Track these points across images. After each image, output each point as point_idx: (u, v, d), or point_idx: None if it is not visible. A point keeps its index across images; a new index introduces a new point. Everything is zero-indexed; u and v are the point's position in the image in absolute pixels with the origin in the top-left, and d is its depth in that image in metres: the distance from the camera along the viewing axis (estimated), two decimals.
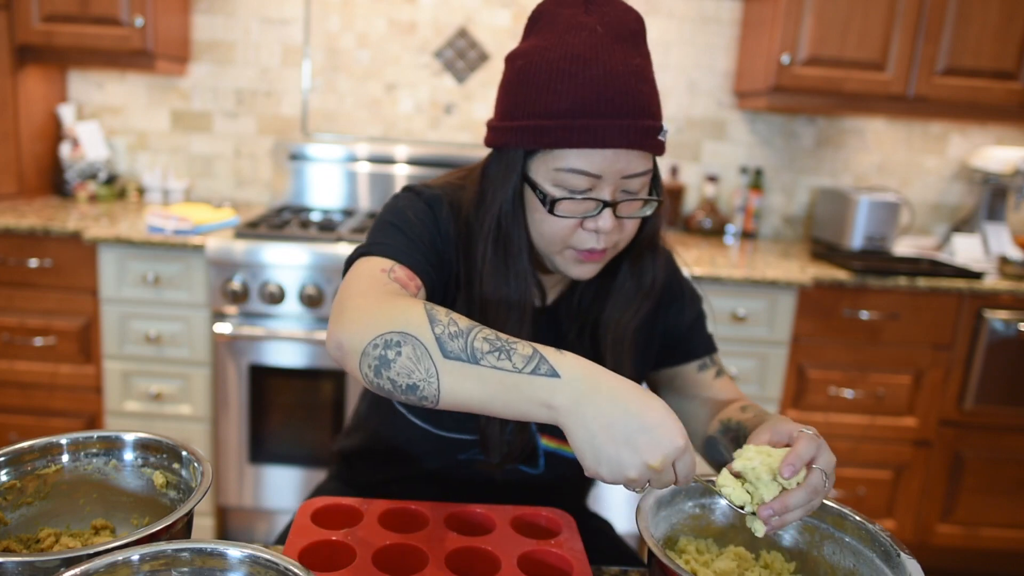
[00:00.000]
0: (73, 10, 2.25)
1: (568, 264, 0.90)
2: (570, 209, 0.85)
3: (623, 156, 0.83)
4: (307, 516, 0.79)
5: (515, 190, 0.88)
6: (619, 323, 0.98)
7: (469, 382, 0.68)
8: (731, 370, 2.17)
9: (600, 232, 0.86)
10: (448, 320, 0.70)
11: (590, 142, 0.81)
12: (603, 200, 0.84)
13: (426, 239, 0.90)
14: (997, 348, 2.18)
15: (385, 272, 0.83)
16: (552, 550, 0.77)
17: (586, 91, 0.81)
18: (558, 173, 0.84)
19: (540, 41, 0.85)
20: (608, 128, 0.81)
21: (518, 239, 0.90)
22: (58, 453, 0.75)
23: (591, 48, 0.82)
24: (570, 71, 0.81)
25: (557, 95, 0.82)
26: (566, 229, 0.87)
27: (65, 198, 2.58)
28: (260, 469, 2.18)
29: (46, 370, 2.18)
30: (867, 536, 0.73)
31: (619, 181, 0.84)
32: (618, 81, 0.81)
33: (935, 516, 2.33)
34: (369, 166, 2.61)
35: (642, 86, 0.83)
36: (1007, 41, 2.29)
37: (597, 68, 0.81)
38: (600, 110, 0.81)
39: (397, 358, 0.69)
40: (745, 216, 2.68)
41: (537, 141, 0.84)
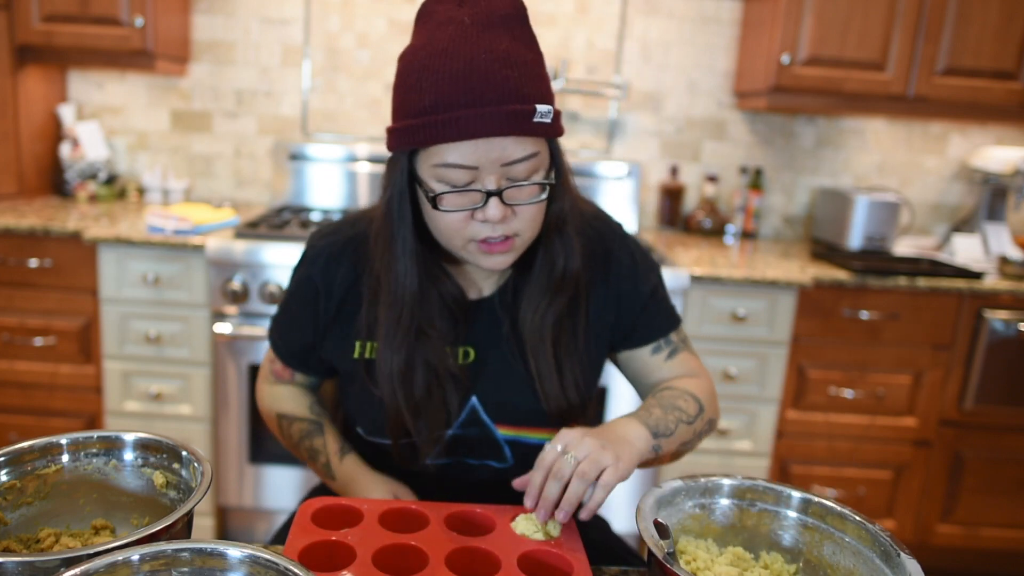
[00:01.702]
0: (73, 10, 2.25)
1: (476, 256, 0.90)
2: (455, 203, 0.86)
3: (496, 144, 0.82)
4: (307, 516, 0.78)
5: (401, 190, 0.90)
6: (534, 317, 0.97)
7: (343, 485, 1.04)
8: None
9: (490, 221, 0.85)
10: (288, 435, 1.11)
11: (454, 135, 0.81)
12: (486, 191, 0.84)
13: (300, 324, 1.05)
14: (997, 348, 2.18)
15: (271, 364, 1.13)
16: (552, 550, 0.77)
17: (447, 85, 0.81)
18: (436, 169, 0.85)
19: (415, 40, 0.87)
20: (469, 118, 0.80)
21: (402, 240, 0.92)
22: (58, 453, 0.75)
23: (455, 41, 0.82)
24: (433, 67, 0.82)
25: (421, 93, 0.82)
26: (457, 223, 0.87)
27: (65, 198, 2.58)
28: (260, 469, 2.18)
29: (46, 370, 2.18)
30: (867, 536, 0.73)
31: (501, 169, 0.84)
32: (479, 70, 0.81)
33: (935, 516, 2.33)
34: (369, 166, 2.61)
35: (507, 71, 0.81)
36: (1007, 41, 2.29)
37: (458, 61, 0.81)
38: (460, 101, 0.80)
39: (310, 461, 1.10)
40: (745, 216, 2.68)
41: (411, 141, 0.85)
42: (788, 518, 0.79)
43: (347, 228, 1.04)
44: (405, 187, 0.90)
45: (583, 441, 0.81)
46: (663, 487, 0.78)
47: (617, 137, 2.72)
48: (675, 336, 1.07)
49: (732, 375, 2.17)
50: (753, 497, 0.81)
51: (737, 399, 2.20)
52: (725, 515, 0.81)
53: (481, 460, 1.01)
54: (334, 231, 1.04)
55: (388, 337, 0.94)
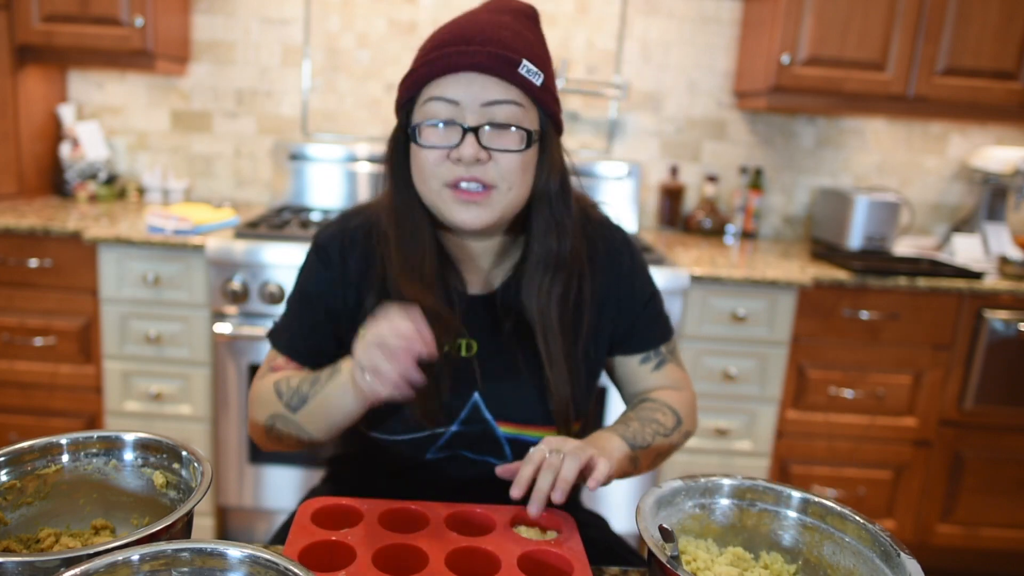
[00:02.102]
0: (73, 10, 2.25)
1: (450, 207, 0.91)
2: (434, 138, 0.89)
3: (477, 81, 0.87)
4: (307, 516, 0.78)
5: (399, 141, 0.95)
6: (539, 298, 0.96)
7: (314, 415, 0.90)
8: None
9: (464, 160, 0.87)
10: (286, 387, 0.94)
11: (439, 68, 0.87)
12: (464, 126, 0.87)
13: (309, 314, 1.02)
14: (997, 348, 2.18)
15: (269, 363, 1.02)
16: (552, 550, 0.77)
17: (445, 33, 0.90)
18: (421, 107, 0.90)
19: None
20: (455, 53, 0.87)
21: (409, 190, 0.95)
22: (58, 453, 0.75)
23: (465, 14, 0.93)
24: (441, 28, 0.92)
25: (422, 50, 0.92)
26: (434, 160, 0.89)
27: (65, 198, 2.58)
28: (260, 469, 2.18)
29: (46, 370, 2.18)
30: (867, 536, 0.73)
31: (481, 110, 0.87)
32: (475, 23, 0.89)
33: (935, 516, 2.33)
34: (369, 166, 2.61)
35: (501, 31, 0.88)
36: (1007, 41, 2.29)
37: (462, 20, 0.91)
38: (450, 41, 0.88)
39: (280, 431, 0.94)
40: (745, 216, 2.68)
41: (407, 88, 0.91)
42: (788, 518, 0.79)
43: (352, 218, 1.04)
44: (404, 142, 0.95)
45: (567, 442, 0.84)
46: (663, 487, 0.78)
47: (617, 137, 2.72)
48: (665, 348, 1.08)
49: (732, 375, 2.17)
50: (753, 497, 0.81)
51: (737, 399, 2.20)
52: (725, 515, 0.81)
53: (481, 456, 1.01)
54: (340, 222, 1.04)
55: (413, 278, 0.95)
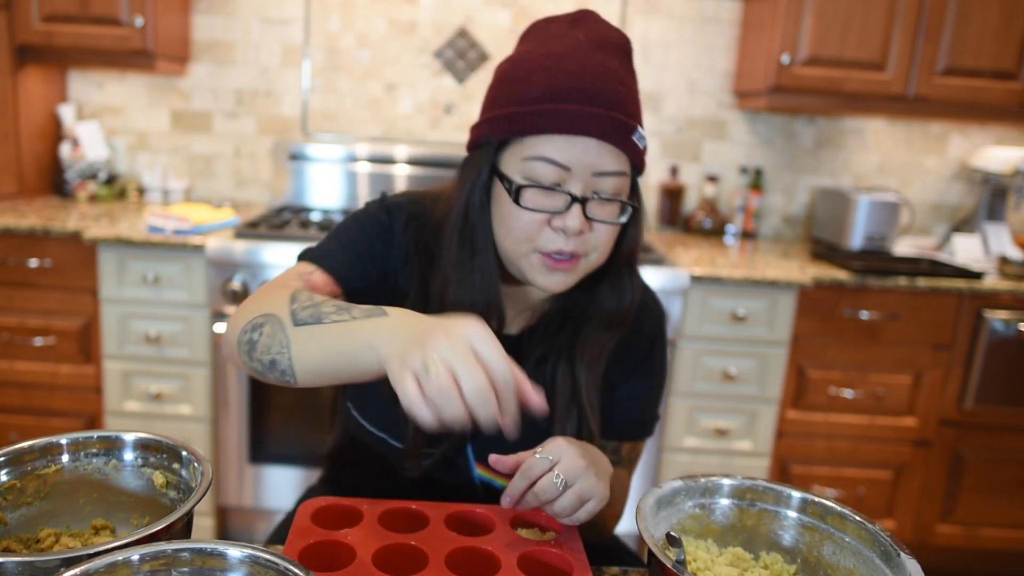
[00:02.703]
0: (73, 10, 2.25)
1: (536, 271, 0.86)
2: (537, 202, 0.83)
3: (593, 149, 0.81)
4: (307, 516, 0.78)
5: (483, 183, 0.88)
6: (597, 343, 0.94)
7: (313, 342, 0.71)
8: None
9: (568, 231, 0.82)
10: (307, 297, 0.76)
11: (557, 126, 0.80)
12: (572, 195, 0.82)
13: (363, 249, 0.92)
14: (997, 348, 2.18)
15: (302, 276, 0.86)
16: (552, 550, 0.77)
17: (558, 79, 0.81)
18: (526, 163, 0.83)
19: (524, 47, 0.89)
20: (576, 113, 0.80)
21: (484, 234, 0.88)
22: (58, 453, 0.75)
23: (570, 49, 0.83)
24: (546, 65, 0.83)
25: (531, 85, 0.82)
26: (532, 225, 0.84)
27: (65, 198, 2.58)
28: (260, 469, 2.18)
29: (46, 370, 2.18)
30: (867, 536, 0.73)
31: (590, 179, 0.82)
32: (593, 74, 0.81)
33: (935, 516, 2.33)
34: (369, 166, 2.61)
35: (617, 85, 0.82)
36: (1007, 41, 2.29)
37: (573, 63, 0.82)
38: (570, 96, 0.80)
39: (259, 338, 0.75)
40: (745, 216, 2.68)
41: (507, 128, 0.83)
42: (788, 518, 0.79)
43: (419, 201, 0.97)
44: (488, 179, 0.87)
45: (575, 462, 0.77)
46: (663, 487, 0.78)
47: None
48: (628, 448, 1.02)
49: (732, 375, 2.17)
50: (753, 497, 0.81)
51: (737, 399, 2.20)
52: (725, 515, 0.81)
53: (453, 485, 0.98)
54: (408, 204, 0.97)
55: None
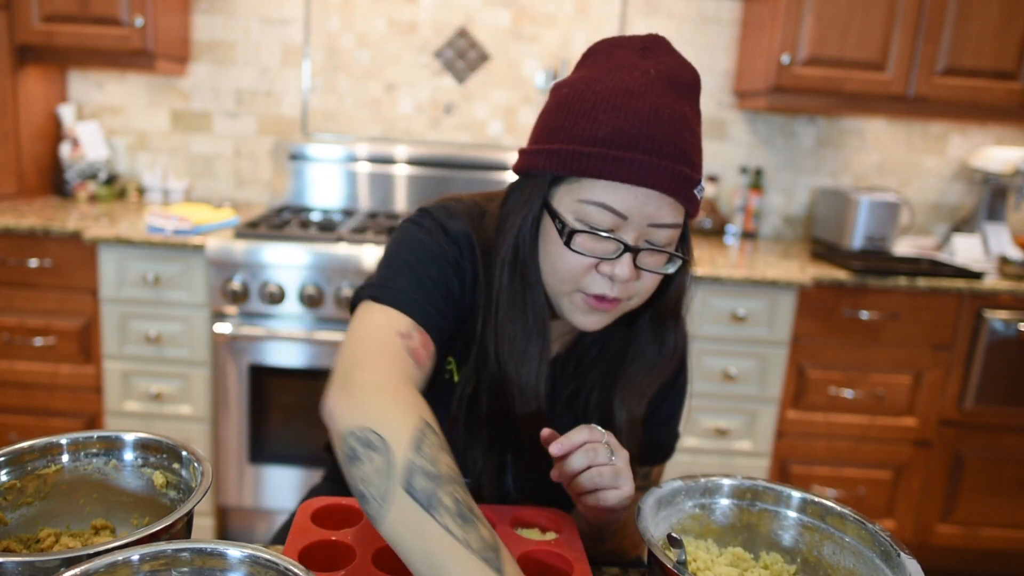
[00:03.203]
0: (73, 10, 2.25)
1: (575, 310, 0.85)
2: (588, 247, 0.80)
3: (654, 200, 0.78)
4: (307, 516, 0.78)
5: (535, 217, 0.84)
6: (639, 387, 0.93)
7: (411, 530, 0.60)
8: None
9: (616, 279, 0.80)
10: (432, 456, 0.64)
11: (623, 175, 0.76)
12: (625, 243, 0.79)
13: (442, 285, 0.85)
14: (997, 348, 2.18)
15: (403, 338, 0.78)
16: (552, 550, 0.77)
17: (628, 123, 0.76)
18: (582, 205, 0.79)
19: (589, 73, 0.82)
20: (644, 164, 0.76)
21: (535, 268, 0.85)
22: (58, 453, 0.75)
23: (641, 86, 0.78)
24: (615, 103, 0.77)
25: (597, 123, 0.77)
26: (580, 268, 0.81)
27: (65, 198, 2.58)
28: (260, 469, 2.18)
29: (46, 370, 2.18)
30: (867, 536, 0.73)
31: (645, 228, 0.79)
32: (663, 121, 0.77)
33: (935, 516, 2.33)
34: (369, 166, 2.61)
35: (687, 135, 0.78)
36: (1007, 41, 2.29)
37: (643, 104, 0.77)
38: (639, 145, 0.76)
39: (362, 463, 0.64)
40: (745, 216, 2.68)
41: (567, 166, 0.79)
42: (788, 518, 0.79)
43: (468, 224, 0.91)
44: (539, 213, 0.84)
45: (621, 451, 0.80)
46: (663, 487, 0.78)
47: None
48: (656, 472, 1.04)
49: (732, 375, 2.17)
50: (753, 497, 0.81)
51: (737, 399, 2.20)
52: (725, 515, 0.81)
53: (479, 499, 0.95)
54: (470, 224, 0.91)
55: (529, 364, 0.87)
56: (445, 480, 0.62)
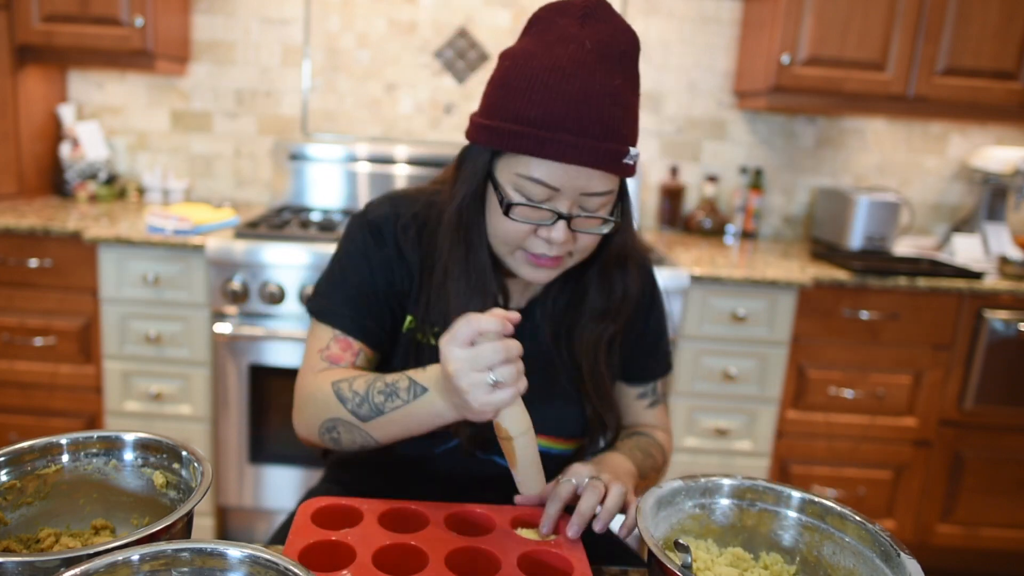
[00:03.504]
0: (73, 10, 2.25)
1: (520, 266, 0.94)
2: (525, 215, 0.88)
3: (583, 173, 0.85)
4: (307, 516, 0.78)
5: (479, 186, 0.93)
6: (591, 337, 1.02)
7: (389, 427, 0.87)
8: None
9: (552, 242, 0.89)
10: (351, 393, 0.89)
11: (552, 155, 0.83)
12: (558, 212, 0.87)
13: (366, 290, 0.99)
14: (997, 348, 2.18)
15: (320, 352, 0.98)
16: (552, 550, 0.77)
17: (558, 105, 0.83)
18: (519, 179, 0.87)
19: (529, 45, 0.88)
20: (572, 145, 0.83)
21: (478, 234, 0.94)
22: (58, 453, 0.75)
23: (574, 63, 0.84)
24: (548, 82, 0.84)
25: (530, 103, 0.84)
26: (519, 233, 0.90)
27: (65, 198, 2.58)
28: (260, 469, 2.18)
29: (46, 370, 2.18)
30: (867, 536, 0.73)
31: (578, 197, 0.87)
32: (591, 100, 0.83)
33: (935, 516, 2.33)
34: (369, 166, 2.61)
35: (615, 109, 0.84)
36: (1007, 41, 2.29)
37: (574, 83, 0.83)
38: (567, 125, 0.83)
39: (339, 436, 0.92)
40: (745, 216, 2.68)
41: (504, 144, 0.87)
42: (788, 518, 0.79)
43: (404, 204, 1.03)
44: (483, 182, 0.93)
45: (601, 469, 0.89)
46: (663, 487, 0.78)
47: None
48: (661, 385, 1.14)
49: (732, 375, 2.17)
50: (753, 497, 0.81)
51: (737, 399, 2.20)
52: (725, 515, 0.81)
53: (487, 455, 1.01)
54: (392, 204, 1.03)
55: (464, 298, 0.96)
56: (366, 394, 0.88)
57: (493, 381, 0.74)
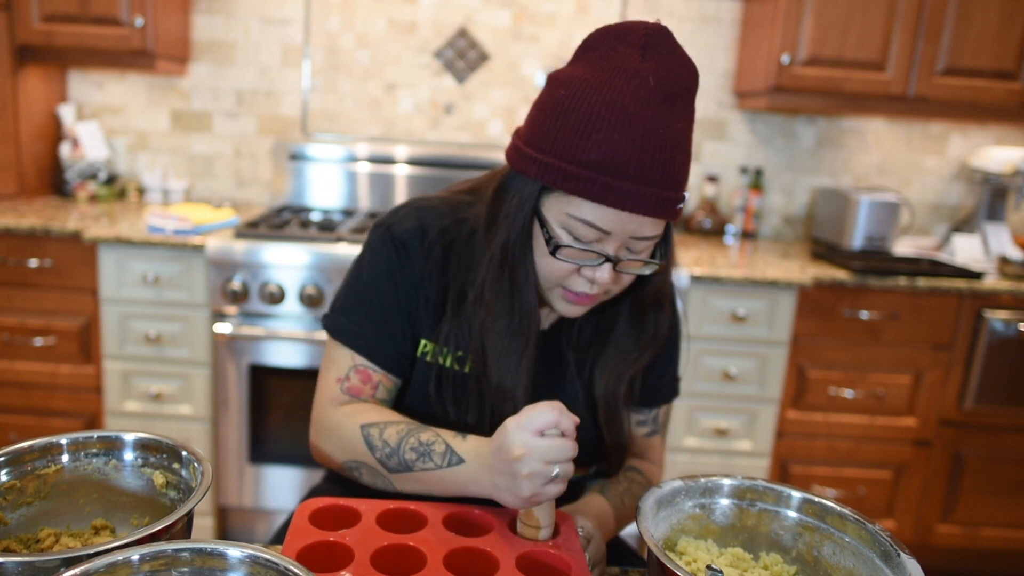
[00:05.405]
0: (73, 10, 2.25)
1: (556, 301, 0.92)
2: (572, 256, 0.86)
3: (636, 220, 0.82)
4: (305, 517, 0.78)
5: (525, 221, 0.88)
6: (614, 372, 0.99)
7: (415, 484, 0.88)
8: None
9: (595, 283, 0.87)
10: (382, 443, 0.89)
11: (610, 201, 0.80)
12: (606, 255, 0.85)
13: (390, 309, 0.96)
14: (997, 348, 2.18)
15: (340, 383, 0.96)
16: (550, 551, 0.77)
17: (620, 148, 0.79)
18: (569, 219, 0.84)
19: (588, 74, 0.82)
20: (632, 193, 0.80)
21: (524, 271, 0.90)
22: (58, 453, 0.75)
23: (637, 102, 0.79)
24: (609, 121, 0.79)
25: (590, 142, 0.79)
26: (563, 272, 0.87)
27: (65, 198, 2.58)
28: (260, 469, 2.18)
29: (46, 370, 2.18)
30: (867, 536, 0.73)
31: (626, 240, 0.85)
32: (654, 145, 0.79)
33: (935, 516, 2.33)
34: (369, 166, 2.61)
35: (677, 155, 0.81)
36: (1007, 41, 2.29)
37: (637, 126, 0.79)
38: (629, 172, 0.79)
39: (362, 475, 0.93)
40: (745, 216, 2.68)
41: (560, 183, 0.82)
42: (788, 518, 0.79)
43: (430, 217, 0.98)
44: (530, 218, 0.88)
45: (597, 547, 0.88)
46: (663, 487, 0.78)
47: None
48: (662, 413, 1.10)
49: (732, 375, 2.17)
50: (753, 497, 0.81)
51: (737, 399, 2.20)
52: (725, 515, 0.81)
53: None
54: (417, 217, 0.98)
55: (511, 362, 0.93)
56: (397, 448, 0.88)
57: (554, 475, 0.75)
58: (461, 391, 0.97)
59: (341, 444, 0.93)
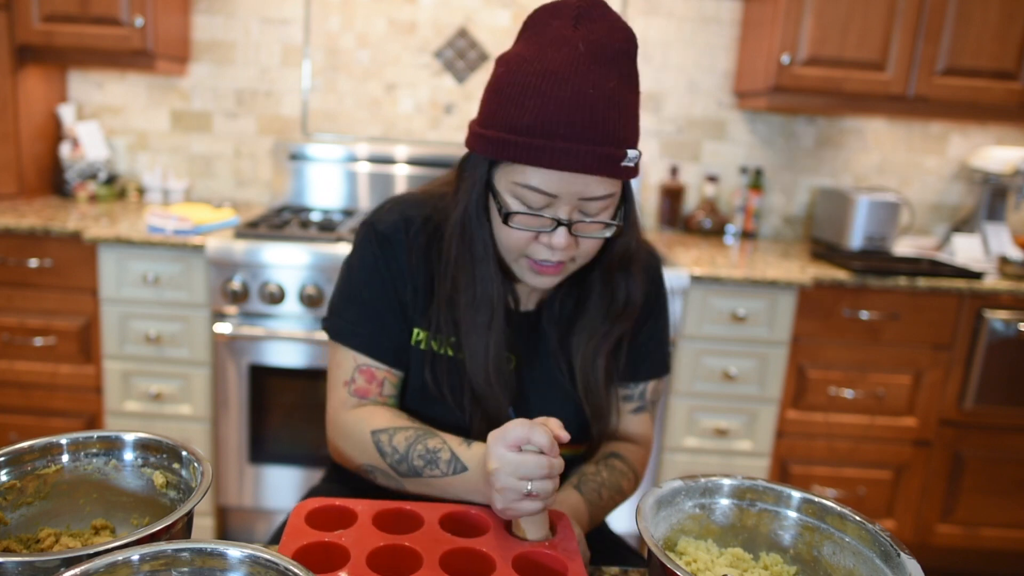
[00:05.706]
0: (73, 10, 2.25)
1: (524, 272, 0.93)
2: (525, 223, 0.88)
3: (580, 179, 0.84)
4: (301, 517, 0.78)
5: (480, 195, 0.92)
6: (590, 342, 1.00)
7: (424, 489, 0.91)
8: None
9: (554, 248, 0.88)
10: (391, 449, 0.92)
11: (546, 162, 0.82)
12: (558, 218, 0.86)
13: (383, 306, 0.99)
14: (997, 348, 2.18)
15: (347, 385, 0.99)
16: (547, 551, 0.77)
17: (551, 112, 0.81)
18: (516, 187, 0.87)
19: (524, 50, 0.86)
20: (566, 151, 0.82)
21: (482, 243, 0.94)
22: (58, 453, 0.75)
23: (567, 66, 0.82)
24: (540, 88, 0.82)
25: (523, 110, 0.83)
26: (521, 241, 0.89)
27: (65, 198, 2.58)
28: (260, 469, 2.18)
29: (46, 370, 2.18)
30: (867, 536, 0.73)
31: (577, 202, 0.86)
32: (585, 105, 0.81)
33: (935, 516, 2.33)
34: (369, 166, 2.61)
35: (610, 111, 0.82)
36: (1007, 41, 2.29)
37: (567, 89, 0.81)
38: (561, 132, 0.81)
39: (377, 478, 0.96)
40: (745, 216, 2.68)
41: (499, 152, 0.86)
42: (788, 518, 0.79)
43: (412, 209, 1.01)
44: (483, 192, 0.92)
45: None
46: (663, 487, 0.78)
47: None
48: (651, 390, 1.10)
49: (732, 375, 2.17)
50: (753, 497, 0.81)
51: (737, 399, 2.20)
52: (725, 515, 0.81)
53: None
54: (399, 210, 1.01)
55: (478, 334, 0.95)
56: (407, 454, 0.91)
57: (527, 491, 0.75)
58: (455, 377, 0.99)
59: (355, 448, 0.96)
